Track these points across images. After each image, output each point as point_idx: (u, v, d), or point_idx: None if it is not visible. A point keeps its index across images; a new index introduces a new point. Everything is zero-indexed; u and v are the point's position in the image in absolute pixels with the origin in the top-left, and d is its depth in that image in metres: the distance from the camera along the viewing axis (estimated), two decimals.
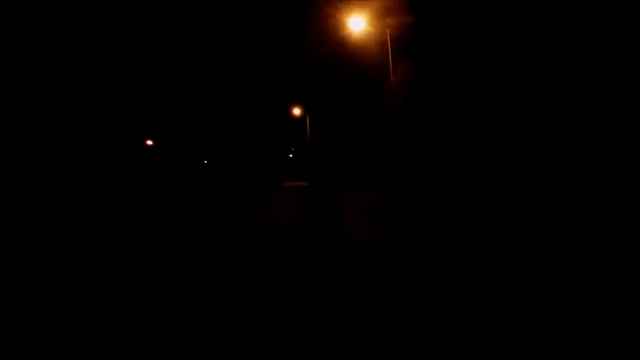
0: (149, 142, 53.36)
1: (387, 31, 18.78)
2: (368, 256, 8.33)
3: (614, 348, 4.13)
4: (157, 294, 6.29)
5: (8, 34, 27.86)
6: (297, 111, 45.67)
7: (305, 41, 29.69)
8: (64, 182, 28.86)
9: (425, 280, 6.49)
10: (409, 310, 5.40)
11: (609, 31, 13.30)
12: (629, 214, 9.57)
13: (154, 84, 47.47)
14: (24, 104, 29.26)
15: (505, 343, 4.39)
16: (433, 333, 4.68)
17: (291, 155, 51.54)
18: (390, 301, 5.72)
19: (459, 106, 18.07)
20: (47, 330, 5.04)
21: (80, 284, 6.75)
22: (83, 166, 34.74)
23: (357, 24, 18.64)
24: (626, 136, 12.37)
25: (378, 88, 20.48)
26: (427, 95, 19.08)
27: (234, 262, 8.22)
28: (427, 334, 4.66)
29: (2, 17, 28.04)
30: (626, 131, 12.41)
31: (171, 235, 11.40)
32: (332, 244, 9.44)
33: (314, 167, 32.89)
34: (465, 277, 6.56)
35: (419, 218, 12.98)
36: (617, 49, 13.30)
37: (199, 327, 5.08)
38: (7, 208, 16.70)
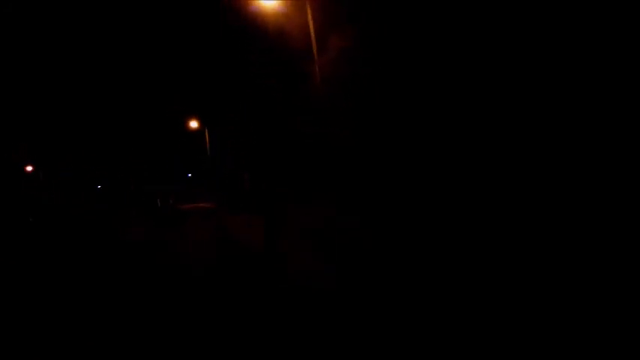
0: (29, 168, 46.02)
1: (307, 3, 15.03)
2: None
3: None
4: None
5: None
6: (194, 124, 40.58)
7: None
8: None
9: None
10: None
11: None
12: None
13: (27, 101, 39.87)
14: None
15: None
16: None
17: (189, 175, 46.11)
18: None
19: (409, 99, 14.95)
20: None
21: None
22: None
23: None
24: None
25: (300, 78, 16.71)
26: (368, 83, 15.73)
27: None
28: None
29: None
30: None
31: None
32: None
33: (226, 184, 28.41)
34: None
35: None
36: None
37: None
38: None
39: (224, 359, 4.32)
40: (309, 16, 14.97)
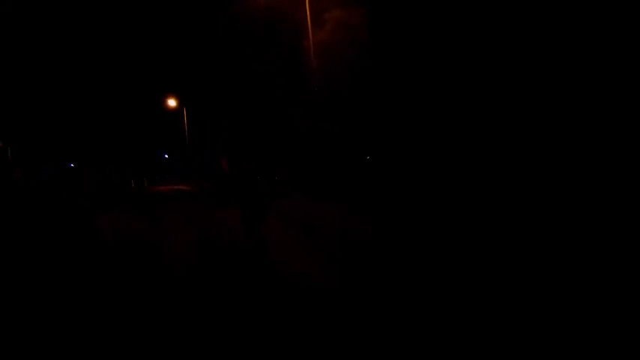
0: None
1: None
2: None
3: None
4: None
5: None
6: (172, 102, 39.30)
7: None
8: None
9: None
10: None
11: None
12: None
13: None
14: None
15: None
16: None
17: (166, 155, 44.91)
18: None
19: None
20: None
21: None
22: None
23: None
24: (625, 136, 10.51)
25: (292, 61, 15.99)
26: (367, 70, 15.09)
27: None
28: None
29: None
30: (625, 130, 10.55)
31: None
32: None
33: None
34: None
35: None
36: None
37: None
38: None
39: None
40: (307, 6, 14.23)
